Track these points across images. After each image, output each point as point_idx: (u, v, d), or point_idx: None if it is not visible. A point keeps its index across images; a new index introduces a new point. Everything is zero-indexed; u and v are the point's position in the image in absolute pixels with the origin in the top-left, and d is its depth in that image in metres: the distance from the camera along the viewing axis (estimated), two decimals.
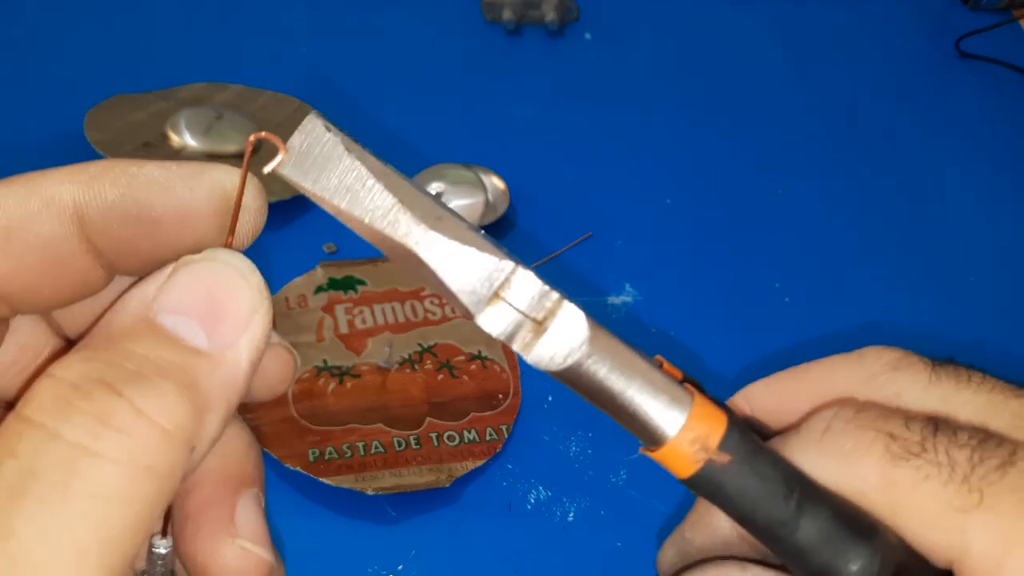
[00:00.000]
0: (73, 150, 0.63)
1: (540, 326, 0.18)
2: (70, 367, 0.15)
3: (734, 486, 0.18)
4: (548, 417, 0.54)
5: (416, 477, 0.48)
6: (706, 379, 0.61)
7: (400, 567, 0.47)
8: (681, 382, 0.19)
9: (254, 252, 0.68)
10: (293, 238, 0.63)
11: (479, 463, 0.50)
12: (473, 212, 0.62)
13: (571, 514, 0.50)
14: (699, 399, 0.19)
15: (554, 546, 0.49)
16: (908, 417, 0.19)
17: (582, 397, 0.18)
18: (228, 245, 0.18)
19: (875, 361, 0.22)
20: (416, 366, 0.54)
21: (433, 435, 0.50)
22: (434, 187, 0.63)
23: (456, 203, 0.62)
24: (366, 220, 0.18)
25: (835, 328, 0.61)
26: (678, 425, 0.18)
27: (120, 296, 0.17)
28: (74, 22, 0.78)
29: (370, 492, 0.47)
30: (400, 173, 0.18)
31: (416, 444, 0.49)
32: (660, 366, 0.19)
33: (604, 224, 0.65)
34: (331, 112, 0.69)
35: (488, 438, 0.51)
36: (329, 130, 0.18)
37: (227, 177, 0.18)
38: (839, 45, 0.83)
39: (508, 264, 0.18)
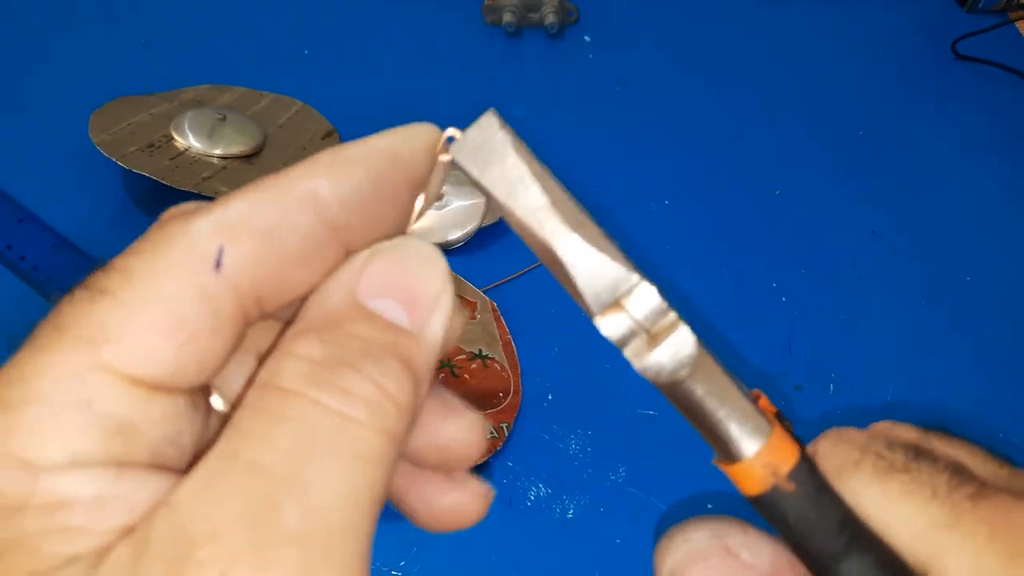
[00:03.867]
0: (77, 151, 0.64)
1: (653, 339, 0.19)
2: (311, 348, 0.16)
3: (794, 513, 0.20)
4: (548, 415, 0.54)
5: None
6: None
7: (402, 563, 0.47)
8: (775, 415, 0.21)
9: None
10: None
11: (479, 460, 0.50)
12: (474, 213, 0.62)
13: (571, 511, 0.51)
14: (779, 431, 0.20)
15: (554, 543, 0.50)
16: (890, 442, 0.21)
17: (680, 411, 0.20)
18: (412, 223, 0.20)
19: (879, 426, 0.24)
20: None
21: None
22: None
23: (457, 204, 0.63)
24: (518, 214, 0.19)
25: (831, 327, 0.61)
26: (755, 448, 0.20)
27: (322, 280, 0.18)
28: (78, 24, 0.78)
29: None
30: (555, 178, 0.20)
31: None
32: (756, 399, 0.21)
33: (604, 224, 0.65)
34: (333, 114, 0.70)
35: (488, 436, 0.51)
36: (502, 128, 0.20)
37: (430, 131, 0.20)
38: (836, 47, 0.84)
39: (635, 276, 0.19)
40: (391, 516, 0.52)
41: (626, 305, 0.19)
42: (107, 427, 0.15)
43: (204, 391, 0.18)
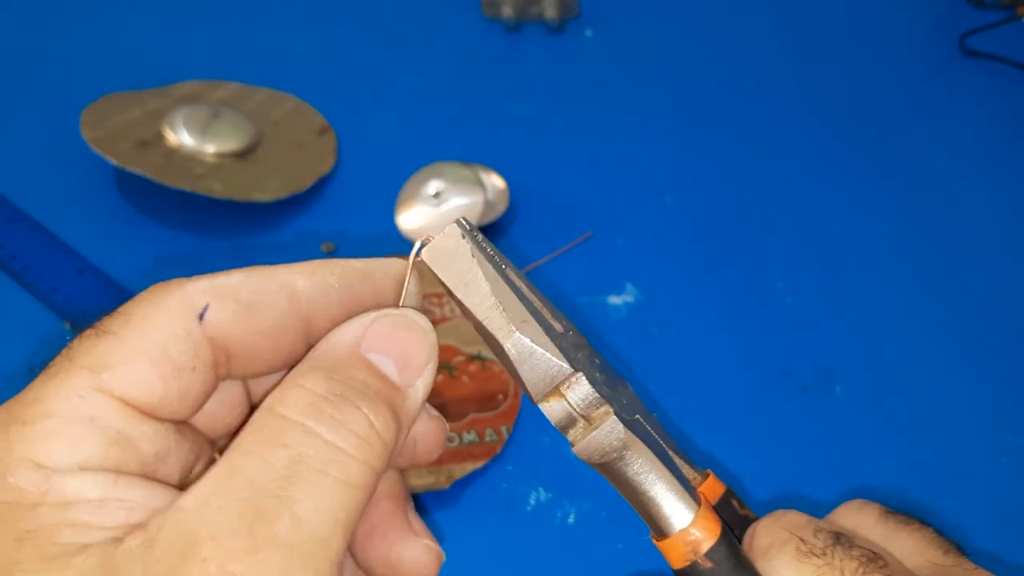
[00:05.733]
0: (68, 148, 0.63)
1: (589, 425, 0.23)
2: (316, 381, 0.19)
3: None
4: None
5: (415, 479, 0.48)
6: (707, 380, 0.60)
7: None
8: (724, 498, 0.24)
9: (253, 251, 0.67)
10: (291, 237, 0.62)
11: (479, 465, 0.49)
12: (472, 211, 0.61)
13: (571, 516, 0.50)
14: (703, 512, 0.23)
15: (554, 548, 0.49)
16: (817, 528, 0.24)
17: (615, 488, 0.23)
18: (401, 301, 0.24)
19: (850, 504, 0.28)
20: None
21: None
22: (433, 186, 0.62)
23: (455, 201, 0.62)
24: (471, 310, 0.22)
25: (837, 328, 0.60)
26: (678, 527, 0.23)
27: (330, 331, 0.22)
28: (69, 20, 0.77)
29: None
30: (510, 280, 0.23)
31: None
32: (706, 477, 0.25)
33: (605, 223, 0.65)
34: (328, 111, 0.68)
35: (488, 439, 0.50)
36: (463, 238, 0.23)
37: (400, 267, 0.24)
38: (842, 42, 0.83)
39: (567, 370, 0.22)
40: None
41: (566, 395, 0.22)
42: (107, 438, 0.19)
43: (190, 428, 0.22)
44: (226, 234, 0.62)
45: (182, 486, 0.20)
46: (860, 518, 0.26)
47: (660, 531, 0.23)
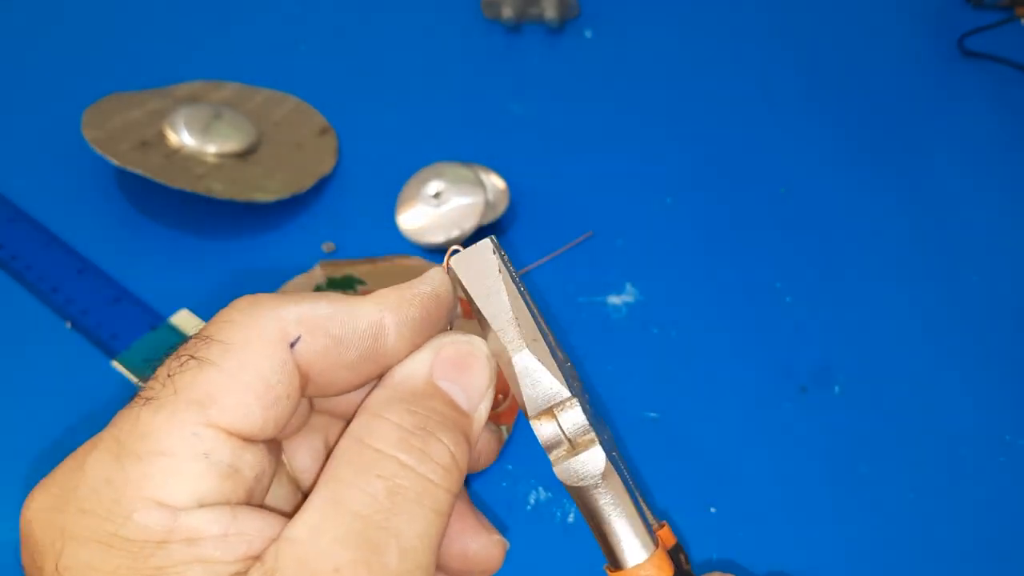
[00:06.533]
0: (69, 148, 0.63)
1: (573, 449, 0.24)
2: (402, 416, 0.21)
3: None
4: None
5: None
6: (707, 380, 0.60)
7: None
8: (672, 549, 0.25)
9: (253, 251, 0.68)
10: (292, 237, 0.62)
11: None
12: (472, 211, 0.61)
13: (571, 515, 0.50)
14: (660, 553, 0.24)
15: (553, 547, 0.49)
16: None
17: (583, 516, 0.24)
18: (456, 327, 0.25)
19: None
20: None
21: None
22: (433, 186, 0.63)
23: (456, 202, 0.62)
24: (488, 320, 0.24)
25: (837, 328, 0.60)
26: (638, 561, 0.24)
27: (406, 357, 0.23)
28: (70, 20, 0.77)
29: None
30: (528, 302, 0.24)
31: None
32: (662, 526, 0.25)
33: (605, 223, 0.65)
34: (329, 111, 0.68)
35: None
36: (494, 253, 0.25)
37: (443, 277, 0.25)
38: (841, 43, 0.83)
39: (565, 394, 0.24)
40: None
41: (558, 416, 0.24)
42: (220, 473, 0.20)
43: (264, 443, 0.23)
44: (226, 234, 0.62)
45: (263, 495, 0.22)
46: None
47: (617, 563, 0.24)
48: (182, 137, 0.62)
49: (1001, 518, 0.52)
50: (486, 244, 0.25)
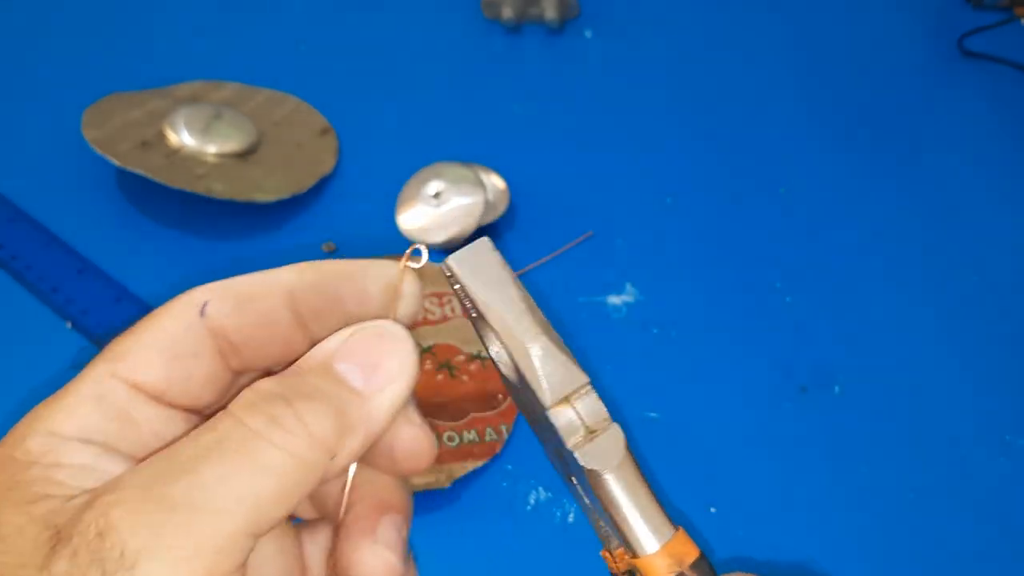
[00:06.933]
0: (70, 148, 0.63)
1: (591, 434, 0.24)
2: (269, 384, 0.21)
3: None
4: None
5: (416, 478, 0.48)
6: (707, 380, 0.60)
7: None
8: (698, 558, 0.24)
9: (253, 251, 0.67)
10: (292, 237, 0.62)
11: (479, 464, 0.49)
12: (473, 211, 0.61)
13: (571, 515, 0.50)
14: (682, 534, 0.24)
15: (554, 547, 0.49)
16: None
17: (595, 500, 0.24)
18: (394, 318, 0.24)
19: None
20: None
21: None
22: (433, 186, 0.63)
23: (456, 202, 0.62)
24: (498, 315, 0.24)
25: (837, 328, 0.60)
26: (661, 543, 0.24)
27: (311, 346, 0.23)
28: (70, 20, 0.77)
29: None
30: (532, 301, 0.24)
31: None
32: (676, 530, 0.25)
33: (605, 223, 0.65)
34: (329, 111, 0.68)
35: (488, 439, 0.51)
36: (494, 250, 0.24)
37: (390, 271, 0.24)
38: (841, 43, 0.83)
39: (584, 379, 0.24)
40: None
41: (574, 403, 0.24)
42: (108, 415, 0.21)
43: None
44: (227, 234, 0.62)
45: None
46: None
47: (641, 546, 0.24)
48: (182, 137, 0.62)
49: (1001, 518, 0.52)
50: (484, 242, 0.25)
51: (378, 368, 0.22)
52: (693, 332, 0.59)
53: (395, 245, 0.62)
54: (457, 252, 0.24)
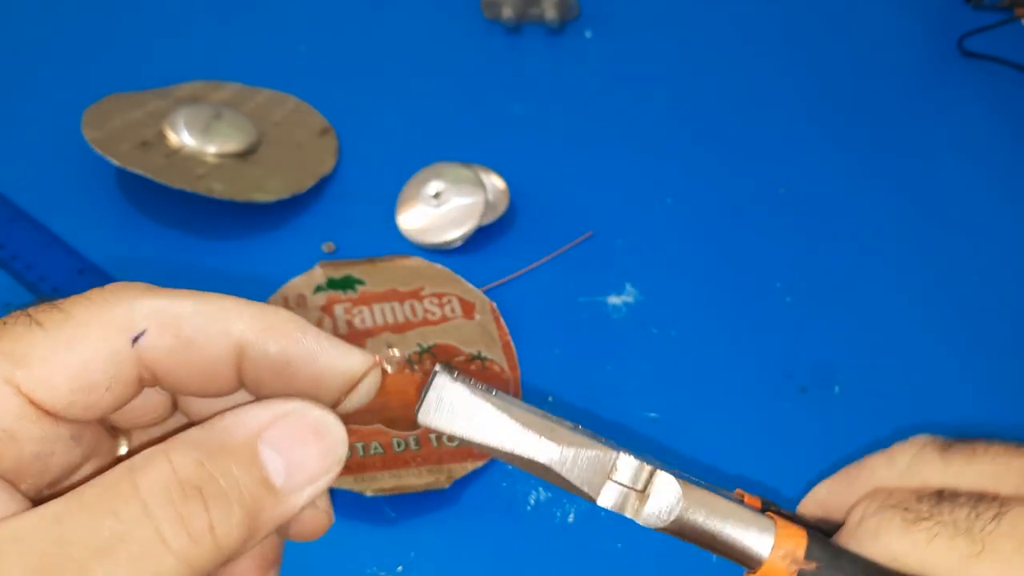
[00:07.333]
0: (70, 148, 0.63)
1: (643, 494, 0.23)
2: (186, 464, 0.19)
3: None
4: None
5: (415, 478, 0.48)
6: (707, 380, 0.60)
7: (399, 568, 0.47)
8: (762, 510, 0.24)
9: (253, 251, 0.68)
10: (292, 237, 0.62)
11: (479, 464, 0.49)
12: (472, 211, 0.61)
13: (571, 515, 0.50)
14: (780, 522, 0.23)
15: (554, 548, 0.49)
16: (919, 494, 0.24)
17: (690, 543, 0.23)
18: (336, 405, 0.22)
19: (900, 459, 0.27)
20: (415, 366, 0.53)
21: (432, 436, 0.50)
22: (433, 186, 0.63)
23: (455, 202, 0.62)
24: (497, 446, 0.22)
25: (836, 328, 0.60)
26: (768, 547, 0.23)
27: (244, 404, 0.21)
28: (70, 20, 0.77)
29: (369, 493, 0.47)
30: (513, 400, 0.23)
31: (415, 445, 0.49)
32: (742, 499, 0.24)
33: (605, 223, 0.65)
34: (329, 111, 0.69)
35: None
36: (455, 381, 0.22)
37: (354, 363, 0.22)
38: (841, 43, 0.83)
39: (612, 453, 0.23)
40: (389, 521, 0.52)
41: (613, 477, 0.23)
42: None
43: (91, 427, 0.22)
44: (226, 234, 0.62)
45: (52, 483, 0.21)
46: (925, 472, 0.26)
47: (752, 562, 0.23)
48: (182, 137, 0.62)
49: None
50: (440, 380, 0.22)
51: (303, 467, 0.20)
52: (693, 332, 0.59)
53: (395, 245, 0.62)
54: (422, 405, 0.22)
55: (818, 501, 0.30)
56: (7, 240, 0.60)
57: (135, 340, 0.20)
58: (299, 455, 0.20)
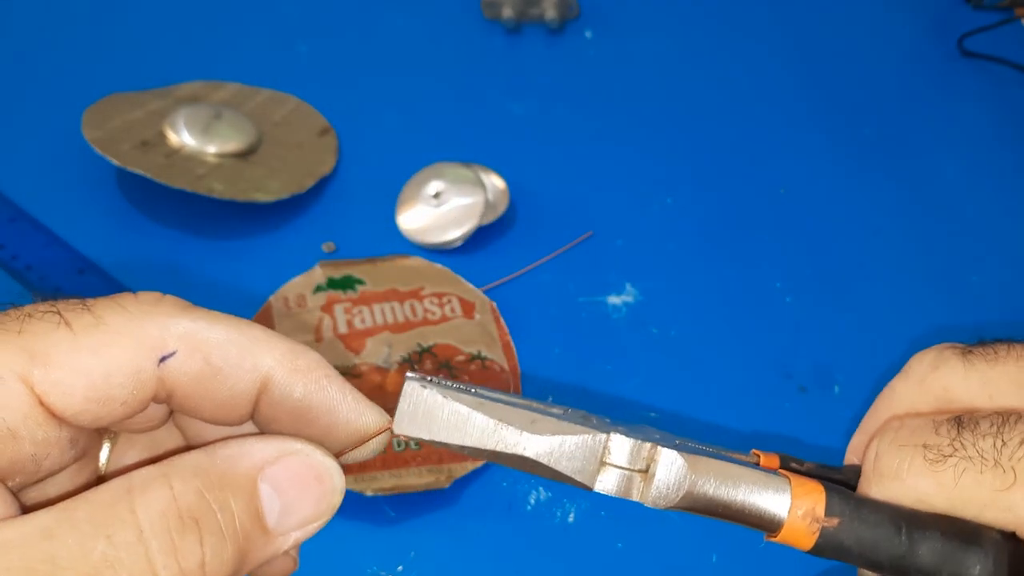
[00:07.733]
0: (70, 148, 0.63)
1: (647, 474, 0.21)
2: (187, 492, 0.18)
3: (851, 541, 0.21)
4: None
5: (415, 478, 0.48)
6: (707, 380, 0.60)
7: (399, 568, 0.47)
8: (780, 467, 0.23)
9: (253, 251, 0.68)
10: (292, 237, 0.62)
11: (479, 464, 0.49)
12: (472, 211, 0.61)
13: (571, 515, 0.50)
14: (796, 480, 0.22)
15: (554, 547, 0.49)
16: (936, 423, 0.22)
17: (707, 516, 0.22)
18: (340, 455, 0.22)
19: (918, 368, 0.26)
20: (415, 366, 0.53)
21: None
22: (434, 186, 0.63)
23: (455, 202, 0.62)
24: (477, 447, 0.21)
25: (836, 328, 0.60)
26: (786, 508, 0.21)
27: (247, 435, 0.21)
28: (70, 20, 0.77)
29: (369, 493, 0.47)
30: (489, 393, 0.22)
31: (415, 445, 0.49)
32: (757, 459, 0.23)
33: (604, 223, 0.65)
34: (329, 111, 0.69)
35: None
36: (424, 387, 0.21)
37: (371, 421, 0.22)
38: (841, 43, 0.83)
39: (601, 436, 0.21)
40: (389, 521, 0.52)
41: (608, 460, 0.21)
42: None
43: (99, 433, 0.22)
44: (227, 234, 0.62)
45: (38, 481, 0.20)
46: (945, 378, 0.25)
47: (772, 525, 0.22)
48: (182, 137, 0.62)
49: None
50: (410, 388, 0.22)
51: (297, 511, 0.20)
52: (693, 332, 0.59)
53: (395, 245, 0.62)
54: (396, 417, 0.22)
55: (853, 448, 0.29)
56: (7, 240, 0.60)
57: (163, 360, 0.20)
58: (295, 498, 0.20)
